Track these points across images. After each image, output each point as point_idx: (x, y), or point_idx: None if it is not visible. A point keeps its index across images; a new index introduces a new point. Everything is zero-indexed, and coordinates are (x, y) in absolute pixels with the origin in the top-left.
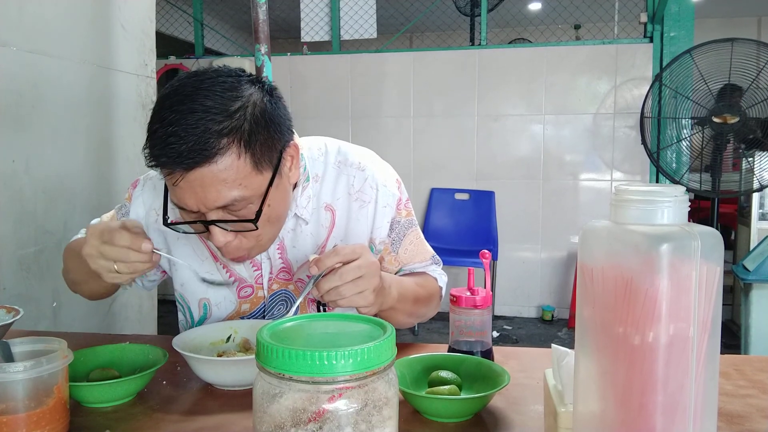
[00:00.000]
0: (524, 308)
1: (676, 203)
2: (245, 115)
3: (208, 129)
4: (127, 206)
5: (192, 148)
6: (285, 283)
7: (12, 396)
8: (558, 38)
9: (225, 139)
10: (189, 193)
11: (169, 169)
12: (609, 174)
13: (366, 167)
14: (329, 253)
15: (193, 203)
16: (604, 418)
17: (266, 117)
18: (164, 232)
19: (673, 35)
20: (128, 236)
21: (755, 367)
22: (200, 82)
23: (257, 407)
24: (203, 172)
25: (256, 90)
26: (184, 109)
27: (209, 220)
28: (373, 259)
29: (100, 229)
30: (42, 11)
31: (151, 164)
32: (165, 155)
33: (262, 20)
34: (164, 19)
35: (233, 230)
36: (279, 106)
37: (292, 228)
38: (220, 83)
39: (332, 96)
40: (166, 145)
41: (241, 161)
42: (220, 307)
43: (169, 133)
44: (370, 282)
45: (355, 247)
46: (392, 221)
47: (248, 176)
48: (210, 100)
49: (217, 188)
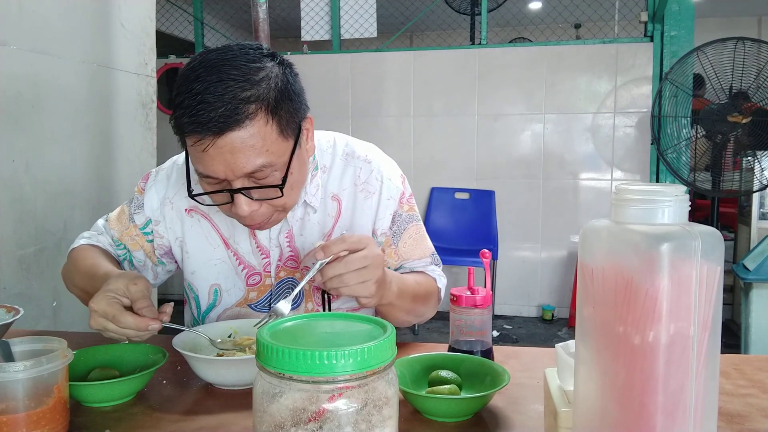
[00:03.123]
0: (524, 308)
1: (677, 203)
2: (270, 84)
3: (236, 96)
4: (140, 198)
5: (222, 113)
6: (292, 271)
7: (12, 395)
8: (558, 37)
9: (253, 105)
10: (218, 159)
11: (200, 136)
12: (609, 173)
13: (372, 160)
14: (336, 240)
15: (222, 170)
16: (604, 418)
17: (288, 87)
18: (180, 220)
19: (674, 34)
20: (132, 321)
21: (755, 367)
22: (224, 54)
23: (257, 407)
24: (233, 137)
25: (276, 64)
26: (212, 79)
27: (235, 189)
28: (378, 252)
29: (103, 310)
30: (42, 10)
31: (181, 133)
32: (196, 122)
33: (262, 19)
34: (164, 18)
35: (259, 198)
36: (297, 81)
37: (300, 216)
38: (244, 55)
39: (332, 95)
40: (197, 112)
41: (269, 127)
42: (230, 294)
43: (198, 101)
44: (374, 273)
45: (362, 237)
46: (394, 214)
47: (275, 142)
48: (236, 69)
49: (246, 154)
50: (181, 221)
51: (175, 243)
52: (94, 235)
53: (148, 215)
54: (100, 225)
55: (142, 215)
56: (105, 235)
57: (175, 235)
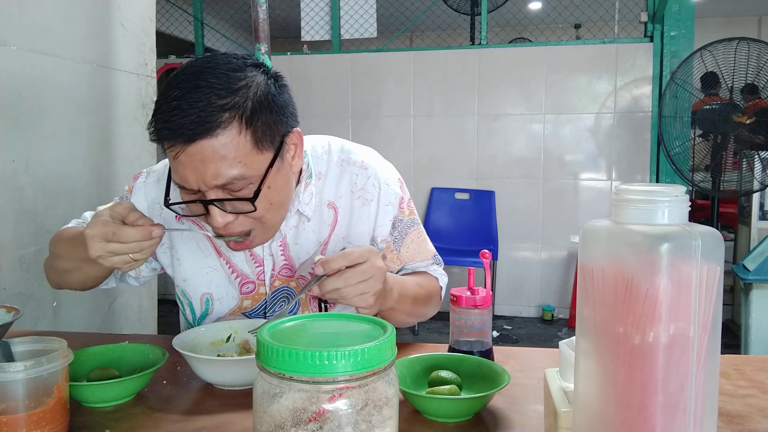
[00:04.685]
0: (524, 308)
1: (677, 203)
2: (248, 94)
3: (210, 103)
4: (128, 198)
5: (194, 120)
6: (287, 280)
7: (12, 396)
8: (558, 38)
9: (227, 114)
10: (189, 168)
11: (171, 142)
12: (609, 173)
13: (369, 166)
14: (337, 256)
15: (193, 180)
16: (604, 418)
17: (269, 98)
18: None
19: (674, 35)
20: (134, 231)
21: (755, 367)
22: (207, 62)
23: (257, 407)
24: (204, 146)
25: (260, 73)
26: (189, 86)
27: (208, 200)
28: (380, 264)
29: (100, 231)
30: (42, 10)
31: (154, 138)
32: (167, 128)
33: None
34: (164, 18)
35: (232, 211)
36: (283, 92)
37: (294, 225)
38: (226, 63)
39: (332, 95)
40: (170, 117)
41: (242, 138)
42: (222, 303)
43: (173, 107)
44: (373, 286)
45: (363, 251)
46: (395, 220)
47: (248, 154)
48: (215, 77)
49: (217, 164)
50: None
51: (159, 249)
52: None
53: None
54: (87, 216)
55: None
56: None
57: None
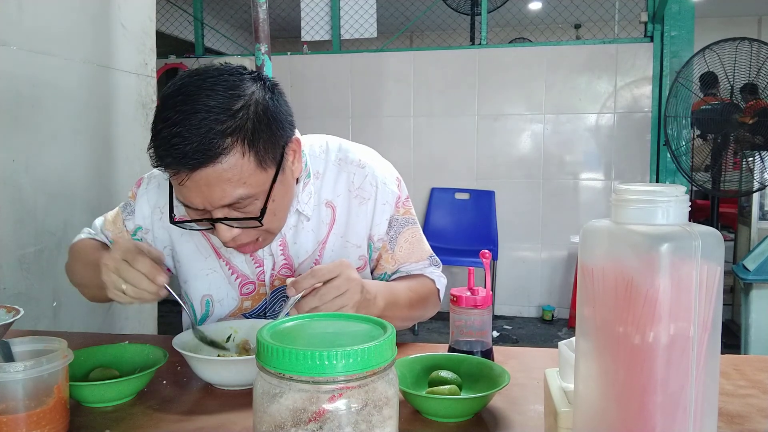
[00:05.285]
0: (524, 308)
1: (677, 203)
2: (248, 114)
3: (211, 129)
4: (132, 204)
5: (197, 149)
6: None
7: (12, 396)
8: (558, 38)
9: (229, 138)
10: (195, 192)
11: (175, 170)
12: (609, 173)
13: (366, 165)
14: (306, 276)
15: (199, 202)
16: (604, 418)
17: (269, 115)
18: (169, 230)
19: (674, 35)
20: (148, 264)
21: (755, 367)
22: (202, 81)
23: (257, 407)
24: (208, 172)
25: (257, 88)
26: (187, 110)
27: (215, 218)
28: (354, 275)
29: (126, 247)
30: (42, 10)
31: (157, 165)
32: (170, 156)
33: (263, 19)
34: (164, 19)
35: (239, 227)
36: (281, 103)
37: (293, 224)
38: (222, 82)
39: (332, 95)
40: (171, 146)
41: (245, 160)
42: (222, 304)
43: (173, 133)
44: (350, 299)
45: (333, 266)
46: (391, 219)
47: (252, 174)
48: (213, 99)
49: (222, 187)
50: (169, 231)
51: (164, 251)
52: (93, 234)
53: (138, 222)
54: (97, 225)
55: (132, 222)
56: (100, 235)
57: (164, 244)
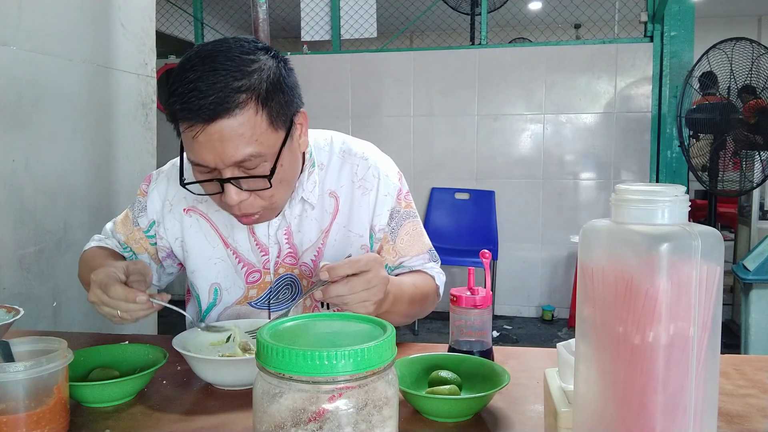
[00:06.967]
0: (524, 308)
1: (677, 203)
2: (262, 76)
3: (228, 85)
4: (143, 201)
5: (213, 101)
6: (291, 267)
7: (12, 396)
8: (558, 38)
9: (243, 95)
10: (208, 147)
11: (190, 122)
12: (609, 174)
13: (369, 157)
14: (344, 264)
15: (211, 159)
16: (604, 418)
17: (281, 80)
18: (179, 220)
19: (674, 35)
20: (121, 290)
21: (755, 367)
22: (219, 46)
23: (257, 407)
24: (222, 125)
25: (270, 57)
26: (205, 68)
27: (225, 178)
28: (384, 274)
29: (99, 279)
30: (42, 10)
31: (172, 119)
32: (187, 108)
33: (262, 19)
34: (164, 19)
35: (247, 189)
36: (291, 75)
37: (298, 213)
38: (238, 47)
39: (332, 95)
40: (188, 99)
41: (258, 117)
42: (230, 293)
43: (190, 88)
44: (376, 295)
45: (369, 259)
46: (392, 210)
47: (264, 133)
48: (229, 60)
49: (235, 142)
50: (180, 222)
51: (175, 243)
52: (103, 238)
53: (151, 217)
54: (107, 229)
55: (145, 218)
56: (112, 239)
57: (175, 236)
